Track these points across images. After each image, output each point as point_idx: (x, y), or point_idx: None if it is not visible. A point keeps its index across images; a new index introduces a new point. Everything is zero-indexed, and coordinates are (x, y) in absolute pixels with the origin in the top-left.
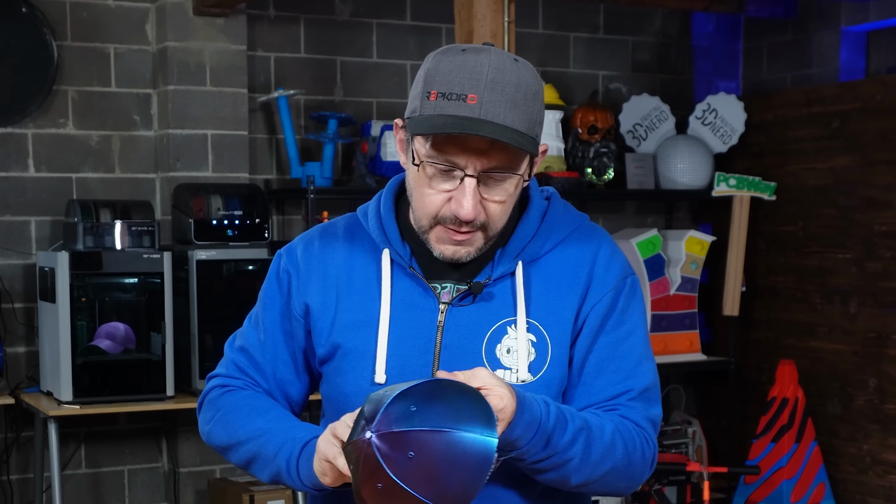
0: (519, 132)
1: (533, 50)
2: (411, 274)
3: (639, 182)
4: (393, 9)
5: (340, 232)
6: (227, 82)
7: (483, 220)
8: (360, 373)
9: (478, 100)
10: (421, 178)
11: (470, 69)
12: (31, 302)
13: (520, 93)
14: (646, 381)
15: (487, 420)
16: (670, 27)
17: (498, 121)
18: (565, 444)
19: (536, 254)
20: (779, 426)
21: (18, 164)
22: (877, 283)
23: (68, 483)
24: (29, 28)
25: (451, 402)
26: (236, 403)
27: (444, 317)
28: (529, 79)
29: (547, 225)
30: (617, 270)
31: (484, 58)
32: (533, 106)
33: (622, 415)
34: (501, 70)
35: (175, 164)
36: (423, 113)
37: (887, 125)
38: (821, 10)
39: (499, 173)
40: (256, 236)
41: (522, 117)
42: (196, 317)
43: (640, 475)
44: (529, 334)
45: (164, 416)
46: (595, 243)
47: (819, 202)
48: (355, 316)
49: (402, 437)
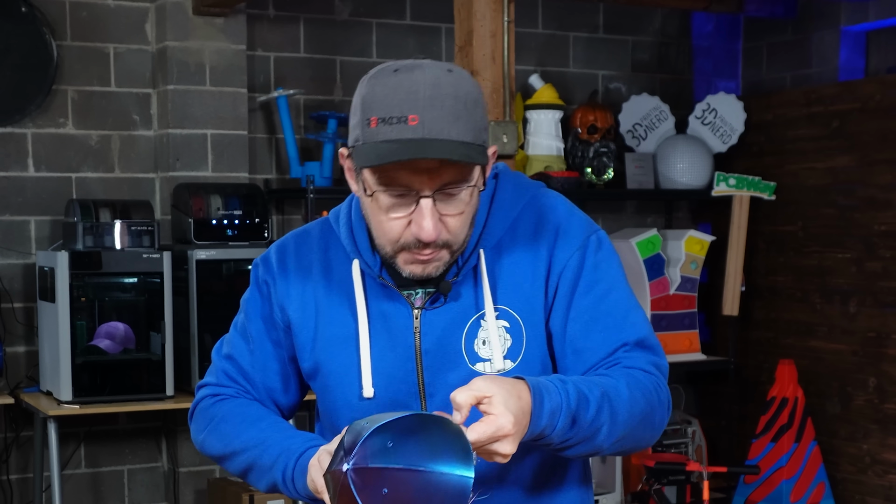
0: (466, 143)
1: (533, 50)
2: (383, 284)
3: (638, 182)
4: (393, 9)
5: (315, 241)
6: (226, 82)
7: (445, 237)
8: (348, 388)
9: (419, 119)
10: (375, 208)
11: (406, 89)
12: (31, 302)
13: (460, 103)
14: (639, 332)
15: (464, 457)
16: (670, 27)
17: (443, 136)
18: (592, 417)
19: (495, 237)
20: (778, 426)
21: (18, 163)
22: (876, 282)
23: (68, 483)
24: (29, 28)
25: (430, 438)
26: (229, 412)
27: (420, 322)
28: (468, 87)
29: (497, 205)
30: (577, 231)
31: (418, 75)
32: (475, 113)
33: (625, 366)
34: (437, 84)
35: (175, 163)
36: (366, 141)
37: (887, 125)
38: (820, 10)
39: (453, 188)
40: (256, 236)
41: (467, 127)
42: (196, 316)
43: (661, 421)
44: (502, 321)
45: (163, 416)
46: (550, 210)
47: (819, 202)
48: (336, 331)
49: (376, 473)
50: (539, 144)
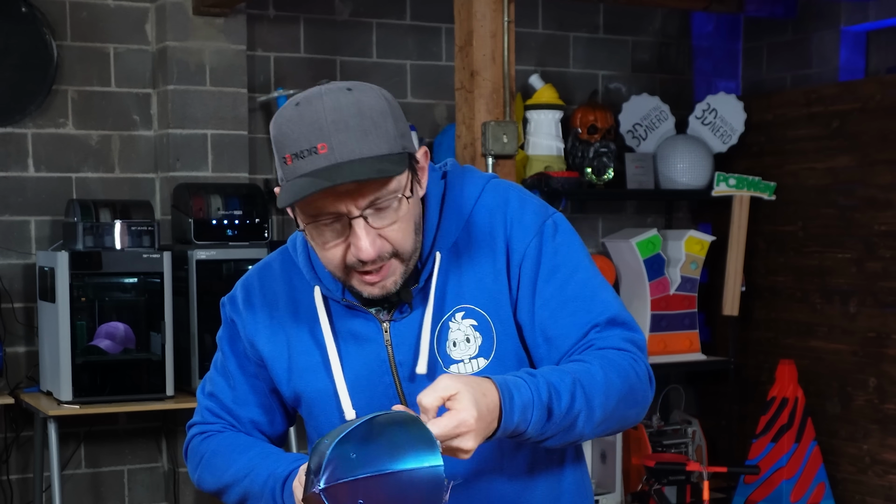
0: (379, 157)
1: (533, 50)
2: (347, 304)
3: (638, 182)
4: (393, 9)
5: (277, 272)
6: (226, 82)
7: (389, 249)
8: (330, 414)
9: (328, 146)
10: (314, 240)
11: (309, 120)
12: (31, 302)
13: (366, 119)
14: (609, 311)
15: (428, 446)
16: (670, 27)
17: (354, 157)
18: (566, 407)
19: (451, 238)
20: (778, 426)
21: (18, 163)
22: (876, 282)
23: (68, 483)
24: (29, 28)
25: (389, 439)
26: (217, 446)
27: (390, 335)
28: (370, 101)
29: (449, 205)
30: (531, 218)
31: (317, 104)
32: (384, 125)
33: (598, 347)
34: (338, 108)
35: (175, 163)
36: (287, 179)
37: (887, 125)
38: (820, 10)
39: (381, 202)
40: (256, 236)
41: (378, 141)
42: (196, 317)
43: (644, 396)
44: (470, 319)
45: (163, 416)
46: (502, 201)
47: (819, 202)
48: (309, 359)
49: (347, 487)
50: (539, 144)
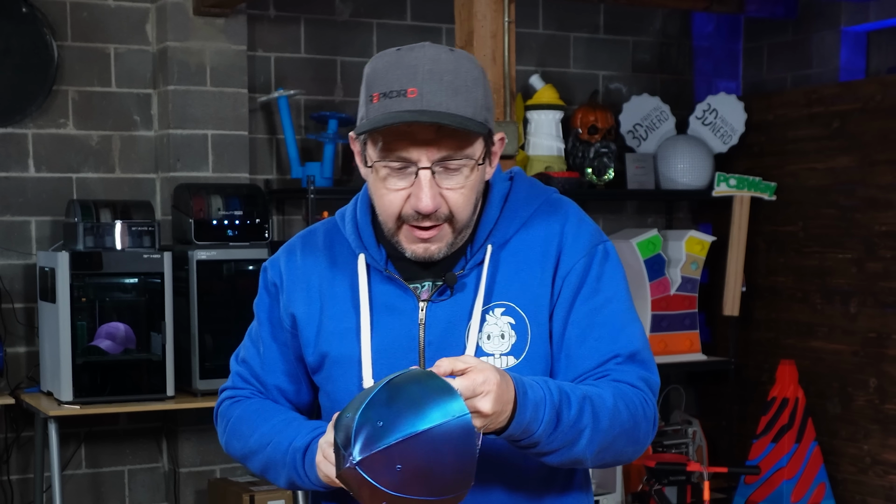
0: (464, 117)
1: (533, 50)
2: (389, 276)
3: (639, 182)
4: (393, 9)
5: (320, 240)
6: (227, 82)
7: (445, 211)
8: (349, 380)
9: (418, 92)
10: (377, 181)
11: (406, 65)
12: (32, 302)
13: (459, 79)
14: (633, 346)
15: (449, 395)
16: (670, 27)
17: (440, 108)
18: (575, 417)
19: (505, 236)
20: (779, 426)
21: (18, 164)
22: (877, 283)
23: (68, 483)
24: (29, 28)
25: (411, 398)
26: (242, 413)
27: (425, 314)
28: (468, 65)
29: (510, 206)
30: (586, 239)
31: (419, 52)
32: (475, 91)
33: (615, 378)
34: (437, 60)
35: (175, 164)
36: (368, 116)
37: (887, 125)
38: (821, 10)
39: (452, 161)
40: (257, 236)
41: (465, 103)
42: (196, 317)
43: (646, 436)
44: (507, 317)
45: (164, 416)
46: (561, 215)
47: (819, 202)
48: (339, 324)
49: (381, 455)
50: (539, 145)
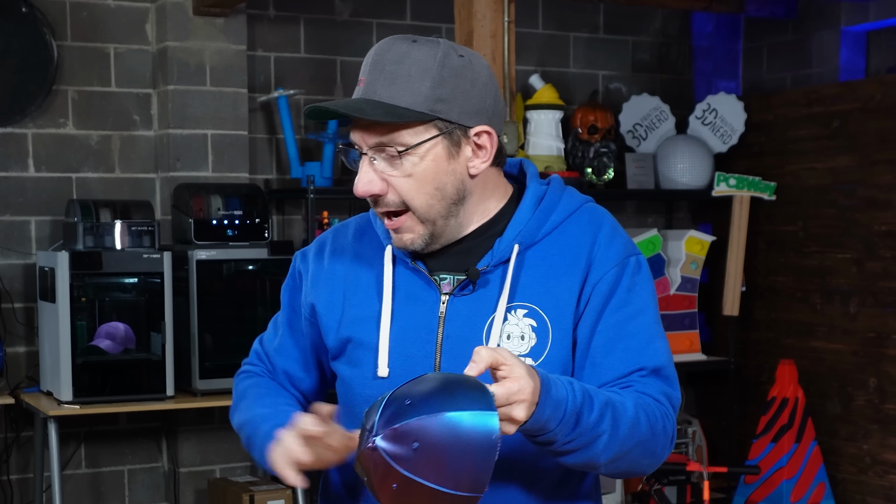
0: (394, 106)
1: (533, 50)
2: (414, 268)
3: (639, 182)
4: (393, 9)
5: (351, 232)
6: (227, 82)
7: (395, 198)
8: (365, 366)
9: (365, 81)
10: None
11: (370, 54)
12: (31, 302)
13: (402, 69)
14: (658, 360)
15: (484, 399)
16: (670, 27)
17: (375, 97)
18: (594, 421)
19: (533, 238)
20: (779, 426)
21: (18, 164)
22: (877, 283)
23: (68, 483)
24: (29, 28)
25: (442, 386)
26: (245, 389)
27: (446, 307)
28: (422, 57)
29: (544, 208)
30: (619, 249)
31: (384, 44)
32: (420, 83)
33: (638, 390)
34: (387, 51)
35: (175, 163)
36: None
37: (887, 125)
38: (821, 10)
39: (388, 147)
40: (256, 236)
41: (401, 92)
42: (196, 317)
43: (663, 450)
44: (529, 319)
45: (164, 416)
46: (595, 225)
47: (819, 202)
48: (362, 311)
49: (402, 430)
50: (539, 145)
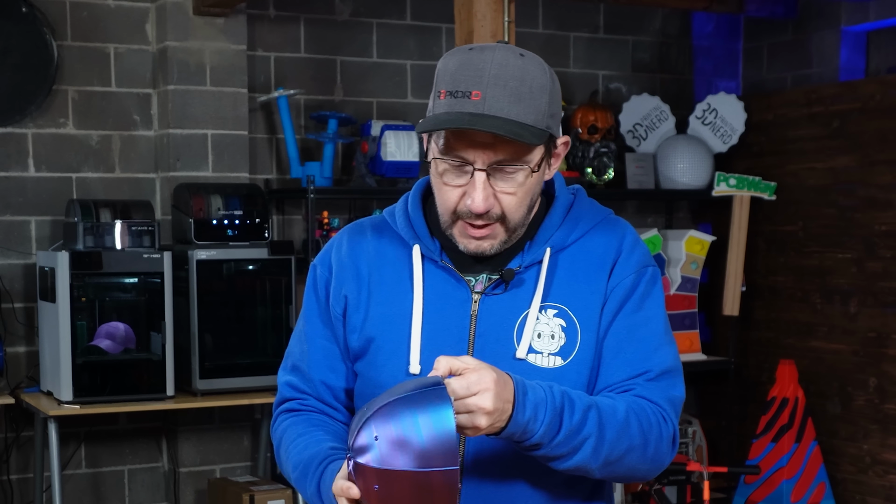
0: (522, 124)
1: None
2: (443, 267)
3: (639, 182)
4: (393, 9)
5: (368, 230)
6: (227, 82)
7: (498, 212)
8: (396, 364)
9: (481, 96)
10: (436, 175)
11: (474, 66)
12: (31, 302)
13: (524, 86)
14: (665, 364)
15: (432, 381)
16: (670, 27)
17: (501, 115)
18: (578, 422)
19: (564, 242)
20: (779, 426)
21: (18, 164)
22: (877, 283)
23: (68, 483)
24: (29, 28)
25: (399, 387)
26: (282, 435)
27: (478, 306)
28: (535, 72)
29: (573, 216)
30: (639, 258)
31: (488, 55)
32: (540, 99)
33: (637, 394)
34: (504, 65)
35: (175, 163)
36: (433, 112)
37: (887, 125)
38: (821, 10)
39: (508, 165)
40: (256, 236)
41: (527, 110)
42: (196, 316)
43: (662, 455)
44: (559, 319)
45: (164, 416)
46: (620, 232)
47: (819, 202)
48: (388, 310)
49: (363, 432)
50: None
